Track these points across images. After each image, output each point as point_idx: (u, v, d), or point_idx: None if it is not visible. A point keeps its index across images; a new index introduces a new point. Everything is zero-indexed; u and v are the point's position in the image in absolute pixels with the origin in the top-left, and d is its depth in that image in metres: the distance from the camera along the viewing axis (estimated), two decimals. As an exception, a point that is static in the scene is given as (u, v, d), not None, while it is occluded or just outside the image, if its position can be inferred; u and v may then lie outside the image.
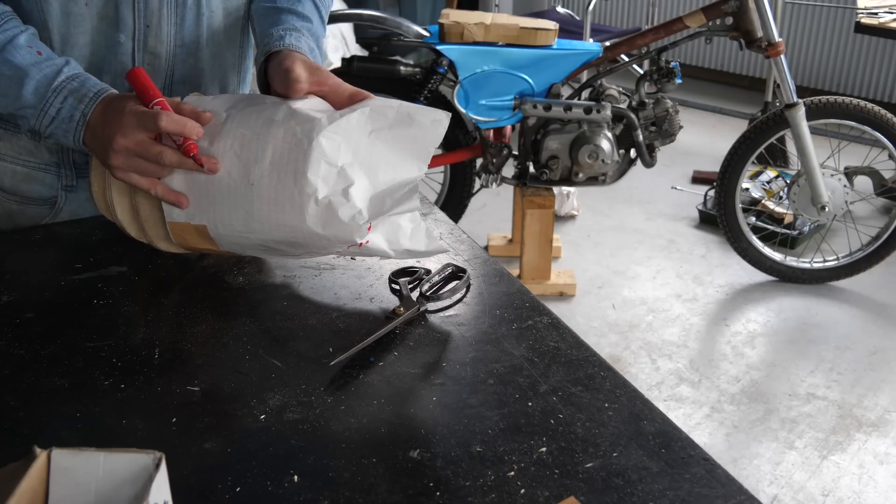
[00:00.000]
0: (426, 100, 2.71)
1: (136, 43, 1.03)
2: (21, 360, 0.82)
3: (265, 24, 1.07)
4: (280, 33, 1.02)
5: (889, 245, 2.86)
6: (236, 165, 0.90)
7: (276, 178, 0.88)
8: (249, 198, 0.90)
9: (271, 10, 1.08)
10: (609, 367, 0.81)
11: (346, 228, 0.87)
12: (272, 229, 0.91)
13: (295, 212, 0.88)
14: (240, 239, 0.94)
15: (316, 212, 0.87)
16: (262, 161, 0.89)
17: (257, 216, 0.90)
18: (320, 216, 0.87)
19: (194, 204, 0.94)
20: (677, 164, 3.93)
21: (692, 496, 0.65)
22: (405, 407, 0.76)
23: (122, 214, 1.00)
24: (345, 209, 0.86)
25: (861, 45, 4.43)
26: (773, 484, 2.07)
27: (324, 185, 0.87)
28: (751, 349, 2.62)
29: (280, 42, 1.00)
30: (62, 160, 1.10)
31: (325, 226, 0.88)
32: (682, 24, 2.62)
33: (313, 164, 0.86)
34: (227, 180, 0.91)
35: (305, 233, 0.89)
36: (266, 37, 1.03)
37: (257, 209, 0.90)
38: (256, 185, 0.89)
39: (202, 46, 1.10)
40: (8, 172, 1.09)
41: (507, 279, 0.98)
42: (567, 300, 2.88)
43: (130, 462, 0.53)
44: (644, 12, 5.09)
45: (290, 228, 0.89)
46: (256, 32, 1.10)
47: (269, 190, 0.89)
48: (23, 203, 1.11)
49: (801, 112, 2.64)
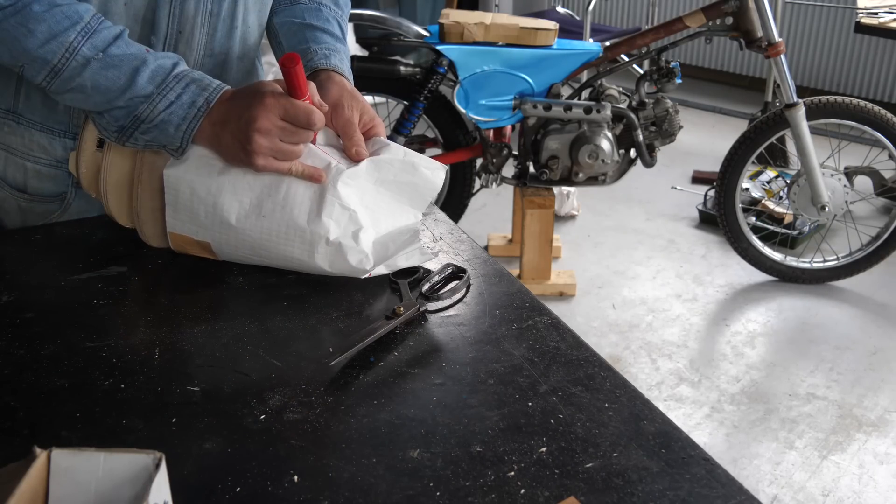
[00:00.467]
0: (426, 100, 2.71)
1: (166, 47, 1.04)
2: (21, 360, 0.82)
3: (298, 39, 1.11)
4: (324, 52, 1.08)
5: (889, 245, 2.86)
6: (248, 195, 0.94)
7: (288, 214, 0.93)
8: (259, 229, 0.94)
9: (304, 27, 1.12)
10: (609, 367, 0.81)
11: (351, 269, 0.93)
12: (278, 259, 0.95)
13: (304, 248, 0.93)
14: (244, 259, 0.98)
15: (326, 251, 0.92)
16: (275, 195, 0.93)
17: (265, 246, 0.94)
18: (329, 256, 0.93)
19: (198, 224, 0.96)
20: (677, 164, 3.93)
21: (692, 496, 0.65)
22: (405, 407, 0.76)
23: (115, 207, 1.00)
24: (353, 253, 0.92)
25: (861, 45, 4.43)
26: (773, 484, 2.07)
27: (336, 228, 0.92)
28: (751, 349, 2.62)
29: (326, 61, 1.06)
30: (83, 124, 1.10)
31: (332, 264, 0.93)
32: (682, 24, 2.62)
33: (328, 206, 0.92)
34: (237, 208, 0.94)
35: (311, 267, 0.94)
36: (309, 52, 1.07)
37: (266, 240, 0.94)
38: (268, 218, 0.93)
39: (232, 59, 1.12)
40: (20, 168, 1.09)
41: (507, 279, 0.98)
42: (567, 300, 2.88)
43: (130, 462, 0.53)
44: (644, 12, 5.09)
45: (296, 262, 0.94)
46: (283, 47, 1.14)
47: (281, 224, 0.93)
48: (33, 200, 1.11)
49: (801, 112, 2.64)
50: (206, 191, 0.94)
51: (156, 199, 0.98)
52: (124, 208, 1.02)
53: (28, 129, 1.07)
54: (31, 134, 1.07)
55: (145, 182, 0.99)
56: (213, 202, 0.94)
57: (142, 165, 0.99)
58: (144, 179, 0.99)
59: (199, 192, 0.94)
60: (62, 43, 0.90)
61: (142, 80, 0.92)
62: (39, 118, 1.07)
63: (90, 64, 0.91)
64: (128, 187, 1.00)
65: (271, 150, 0.91)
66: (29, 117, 1.07)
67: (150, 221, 1.00)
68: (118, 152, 0.99)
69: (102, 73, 0.92)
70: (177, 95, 0.93)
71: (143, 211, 0.99)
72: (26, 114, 1.07)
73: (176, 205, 0.96)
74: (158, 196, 0.98)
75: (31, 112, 1.06)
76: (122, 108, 0.93)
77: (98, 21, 0.93)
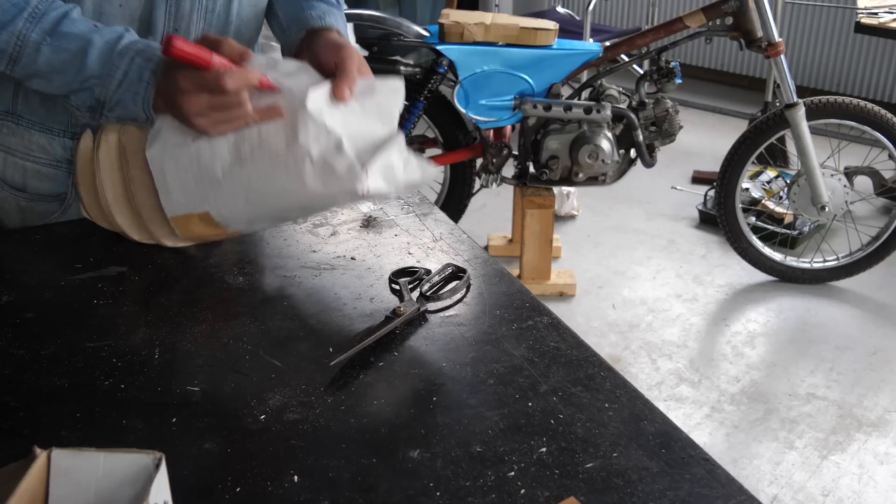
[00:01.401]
0: (426, 100, 2.71)
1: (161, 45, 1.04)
2: (21, 360, 0.82)
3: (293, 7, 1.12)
4: (319, 14, 1.08)
5: (889, 245, 2.86)
6: (224, 146, 0.92)
7: (267, 150, 0.90)
8: (244, 175, 0.91)
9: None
10: (609, 367, 0.81)
11: (345, 181, 0.89)
12: (274, 199, 0.92)
13: (292, 177, 0.90)
14: (245, 216, 0.95)
15: (313, 172, 0.89)
16: (251, 137, 0.91)
17: (256, 190, 0.92)
18: (318, 175, 0.89)
19: (191, 194, 0.95)
20: (677, 164, 3.93)
21: (692, 496, 0.65)
22: (405, 407, 0.76)
23: (122, 220, 1.01)
24: (340, 162, 0.88)
25: (861, 45, 4.43)
26: (773, 484, 2.07)
27: (315, 145, 0.89)
28: (751, 349, 2.62)
29: (321, 21, 1.06)
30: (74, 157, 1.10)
31: (326, 183, 0.89)
32: (682, 24, 2.62)
33: (302, 127, 0.89)
34: (219, 163, 0.92)
35: (308, 195, 0.91)
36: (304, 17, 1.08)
37: (255, 184, 0.91)
38: (249, 161, 0.91)
39: None
40: (19, 169, 1.09)
41: (507, 279, 0.98)
42: (567, 300, 2.88)
43: (130, 462, 0.53)
44: (644, 12, 5.09)
45: (291, 194, 0.91)
46: (280, 17, 1.14)
47: (263, 162, 0.91)
48: (33, 200, 1.11)
49: (801, 112, 2.64)
50: (187, 158, 0.94)
51: (152, 195, 0.98)
52: (133, 221, 1.01)
53: (27, 130, 1.07)
54: (31, 134, 1.07)
55: (137, 179, 0.98)
56: (196, 166, 0.93)
57: (128, 163, 0.98)
58: (136, 176, 0.98)
59: (182, 161, 0.94)
60: (12, 32, 0.91)
61: (91, 61, 0.92)
62: (39, 119, 1.07)
63: (41, 49, 0.91)
64: (126, 199, 1.00)
65: (217, 122, 0.90)
66: (28, 118, 1.07)
67: (157, 220, 0.99)
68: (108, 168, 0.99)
69: (55, 56, 0.92)
70: (124, 73, 0.92)
71: (145, 211, 0.99)
72: (25, 115, 1.07)
73: (166, 185, 0.96)
74: (153, 191, 0.98)
75: (30, 113, 1.07)
76: (83, 91, 0.94)
77: (46, 4, 0.93)
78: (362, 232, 1.09)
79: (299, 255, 1.03)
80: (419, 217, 1.13)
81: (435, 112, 2.82)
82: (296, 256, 1.03)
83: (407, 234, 1.09)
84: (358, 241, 1.07)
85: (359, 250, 1.04)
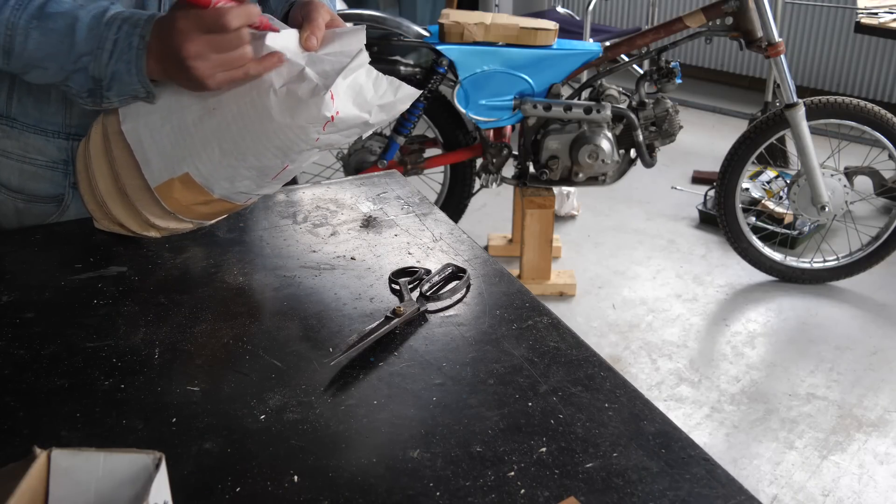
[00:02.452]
0: (426, 100, 2.71)
1: None
2: (21, 360, 0.82)
3: None
4: None
5: (889, 245, 2.86)
6: (191, 100, 0.92)
7: (233, 93, 0.90)
8: (214, 123, 0.91)
9: None
10: (609, 367, 0.81)
11: (310, 106, 0.87)
12: (247, 143, 0.91)
13: (259, 113, 0.89)
14: (224, 171, 0.94)
15: (278, 103, 0.88)
16: None
17: (228, 137, 0.91)
18: (284, 105, 0.88)
19: (168, 157, 0.94)
20: (677, 164, 3.93)
21: (692, 496, 0.65)
22: (405, 407, 0.76)
23: (117, 210, 1.00)
24: (303, 87, 0.87)
25: (861, 45, 4.43)
26: (773, 484, 2.07)
27: (277, 77, 0.88)
28: (751, 349, 2.62)
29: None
30: (70, 157, 1.10)
31: (293, 113, 0.88)
32: (682, 24, 2.62)
33: None
34: (189, 116, 0.92)
35: (277, 129, 0.89)
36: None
37: (226, 130, 0.91)
38: (217, 109, 0.91)
39: None
40: (15, 171, 1.09)
41: (507, 279, 0.98)
42: (567, 300, 2.88)
43: (130, 462, 0.53)
44: (644, 12, 5.09)
45: (262, 134, 0.90)
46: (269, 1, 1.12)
47: (230, 105, 0.90)
48: (30, 201, 1.11)
49: (801, 112, 2.64)
50: (159, 121, 0.94)
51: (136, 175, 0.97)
52: (127, 209, 1.01)
53: (22, 133, 1.07)
54: (26, 137, 1.07)
55: (119, 159, 0.98)
56: (168, 126, 0.93)
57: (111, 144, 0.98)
58: (118, 156, 0.98)
59: (155, 125, 0.94)
60: (2, 22, 0.90)
61: (80, 37, 0.91)
62: (33, 121, 1.07)
63: (30, 34, 0.91)
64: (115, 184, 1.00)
65: (216, 67, 0.87)
66: (23, 120, 1.07)
67: (144, 199, 0.98)
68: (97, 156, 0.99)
69: (44, 39, 0.91)
70: (114, 43, 0.90)
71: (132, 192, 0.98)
72: (20, 117, 1.07)
73: (145, 155, 0.96)
74: (137, 170, 0.97)
75: (24, 115, 1.07)
76: (78, 72, 0.92)
77: None
78: (362, 232, 1.09)
79: (299, 255, 1.03)
80: (419, 217, 1.13)
81: (435, 112, 2.82)
82: (296, 256, 1.03)
83: (407, 234, 1.09)
84: (358, 241, 1.07)
85: (359, 250, 1.04)
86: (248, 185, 0.97)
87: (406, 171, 2.84)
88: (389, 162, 2.80)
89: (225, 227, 1.10)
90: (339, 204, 1.18)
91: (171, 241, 1.06)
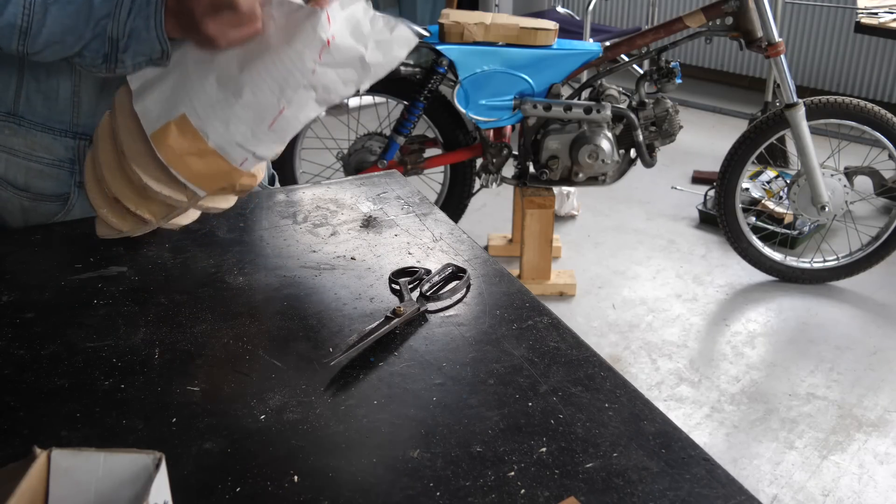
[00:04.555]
0: (426, 100, 2.71)
1: None
2: (21, 360, 0.82)
3: None
4: None
5: (889, 245, 2.86)
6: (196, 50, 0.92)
7: None
8: (212, 58, 0.91)
9: None
10: (609, 367, 0.81)
11: (306, 27, 0.87)
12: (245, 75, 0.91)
13: (257, 41, 0.89)
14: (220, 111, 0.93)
15: (275, 27, 0.89)
16: None
17: (226, 70, 0.91)
18: (280, 29, 0.89)
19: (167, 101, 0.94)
20: (677, 164, 3.93)
21: (692, 496, 0.65)
22: (405, 407, 0.76)
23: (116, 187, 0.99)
24: (301, 12, 0.88)
25: (861, 45, 4.43)
26: (773, 484, 2.07)
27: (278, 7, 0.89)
28: (751, 349, 2.62)
29: None
30: (77, 156, 1.10)
31: (289, 37, 0.88)
32: (682, 24, 2.62)
33: None
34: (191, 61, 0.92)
35: (274, 57, 0.89)
36: None
37: (224, 63, 0.91)
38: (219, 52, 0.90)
39: None
40: (22, 169, 1.09)
41: (507, 279, 0.98)
42: (567, 300, 2.88)
43: (130, 462, 0.53)
44: (644, 12, 5.09)
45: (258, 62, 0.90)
46: None
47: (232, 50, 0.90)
48: (35, 199, 1.11)
49: (801, 112, 2.64)
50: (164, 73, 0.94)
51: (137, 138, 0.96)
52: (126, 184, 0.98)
53: (30, 131, 1.07)
54: (34, 135, 1.07)
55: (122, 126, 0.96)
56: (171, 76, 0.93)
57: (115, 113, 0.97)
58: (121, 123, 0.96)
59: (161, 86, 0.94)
60: (18, 3, 0.90)
61: (98, 2, 0.90)
62: (41, 119, 1.07)
63: (49, 10, 0.90)
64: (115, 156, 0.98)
65: (228, 24, 0.87)
66: (30, 119, 1.07)
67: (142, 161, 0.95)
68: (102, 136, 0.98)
69: (63, 11, 0.90)
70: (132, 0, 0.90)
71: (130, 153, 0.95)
72: (27, 115, 1.07)
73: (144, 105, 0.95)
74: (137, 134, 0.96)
75: (31, 114, 1.07)
76: (95, 39, 0.92)
77: None
78: (362, 232, 1.09)
79: (299, 255, 1.03)
80: (419, 217, 1.13)
81: (435, 112, 2.82)
82: (296, 256, 1.03)
83: (407, 234, 1.09)
84: (358, 241, 1.07)
85: (359, 250, 1.04)
86: (243, 131, 0.94)
87: (406, 171, 2.85)
88: (389, 162, 2.80)
89: (225, 227, 1.10)
90: (339, 204, 1.18)
91: (171, 242, 1.06)
